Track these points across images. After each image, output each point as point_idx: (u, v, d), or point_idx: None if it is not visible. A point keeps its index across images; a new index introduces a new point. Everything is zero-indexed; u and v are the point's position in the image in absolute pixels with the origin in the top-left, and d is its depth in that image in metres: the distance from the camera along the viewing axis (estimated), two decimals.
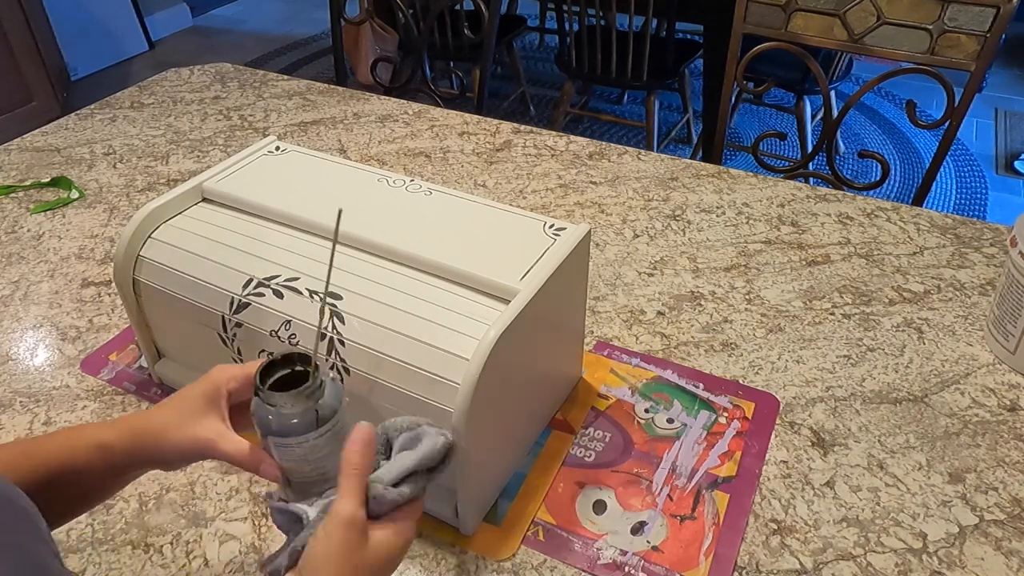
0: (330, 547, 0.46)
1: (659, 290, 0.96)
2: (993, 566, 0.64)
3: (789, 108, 2.77)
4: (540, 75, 3.55)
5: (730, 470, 0.73)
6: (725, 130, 1.50)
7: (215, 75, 1.57)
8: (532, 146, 1.28)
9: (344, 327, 0.65)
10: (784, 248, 1.03)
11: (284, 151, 0.85)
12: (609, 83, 2.51)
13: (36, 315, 0.95)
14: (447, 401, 0.60)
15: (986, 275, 0.97)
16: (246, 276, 0.70)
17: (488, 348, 0.58)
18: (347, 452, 0.49)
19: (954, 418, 0.78)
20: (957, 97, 1.24)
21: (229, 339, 0.71)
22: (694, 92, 3.05)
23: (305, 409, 0.51)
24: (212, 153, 1.29)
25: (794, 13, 1.33)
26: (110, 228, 1.11)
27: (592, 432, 0.78)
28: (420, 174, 1.22)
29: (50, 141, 1.34)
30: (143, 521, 0.70)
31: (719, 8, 2.02)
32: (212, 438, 0.54)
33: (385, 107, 1.42)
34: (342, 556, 0.46)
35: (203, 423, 0.55)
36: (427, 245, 0.69)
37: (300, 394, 0.51)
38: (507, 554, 0.66)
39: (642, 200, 1.14)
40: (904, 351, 0.86)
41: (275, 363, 0.53)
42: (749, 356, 0.86)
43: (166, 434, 0.55)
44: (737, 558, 0.66)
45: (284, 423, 0.51)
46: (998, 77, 3.33)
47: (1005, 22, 1.17)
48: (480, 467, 0.64)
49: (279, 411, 0.51)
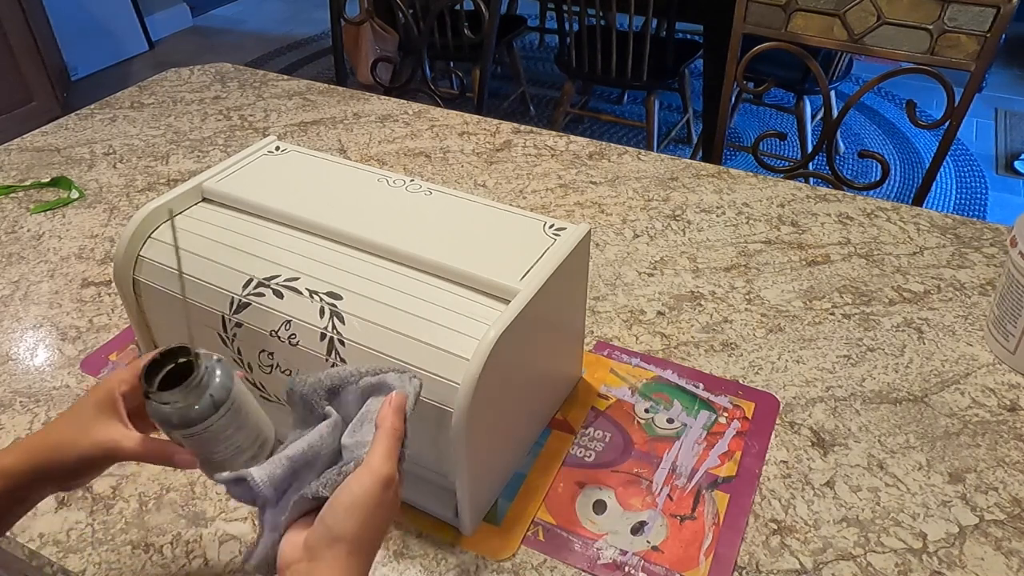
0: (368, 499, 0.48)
1: (659, 290, 0.96)
2: (993, 566, 0.64)
3: (789, 108, 2.77)
4: (540, 75, 3.55)
5: (730, 470, 0.73)
6: (725, 130, 1.50)
7: (215, 75, 1.57)
8: (532, 146, 1.28)
9: (344, 327, 0.65)
10: (784, 248, 1.03)
11: (284, 151, 0.85)
12: (609, 83, 2.51)
13: (36, 315, 0.95)
14: (447, 401, 0.60)
15: (986, 275, 0.97)
16: (246, 276, 0.70)
17: (488, 348, 0.58)
18: (386, 414, 0.51)
19: (954, 418, 0.78)
20: (957, 97, 1.25)
21: (229, 339, 0.71)
22: (694, 92, 3.05)
23: (199, 398, 0.52)
24: (212, 153, 1.29)
25: (794, 13, 1.33)
26: (110, 228, 1.11)
27: (592, 432, 0.78)
28: (420, 174, 1.22)
29: (50, 141, 1.34)
30: (143, 521, 0.70)
31: (719, 8, 2.02)
32: (115, 439, 0.55)
33: (385, 107, 1.42)
34: (374, 508, 0.48)
35: (103, 428, 0.55)
36: (427, 245, 0.69)
37: (189, 387, 0.52)
38: (507, 554, 0.66)
39: (642, 200, 1.14)
40: (904, 351, 0.86)
41: (158, 361, 0.54)
42: (749, 356, 0.86)
43: (65, 448, 0.55)
44: (737, 558, 0.66)
45: (183, 416, 0.52)
46: (998, 77, 3.33)
47: (1005, 22, 1.17)
48: (480, 467, 0.64)
49: (174, 407, 0.52)
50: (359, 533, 0.48)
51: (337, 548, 0.47)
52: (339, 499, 0.48)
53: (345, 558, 0.47)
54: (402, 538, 0.68)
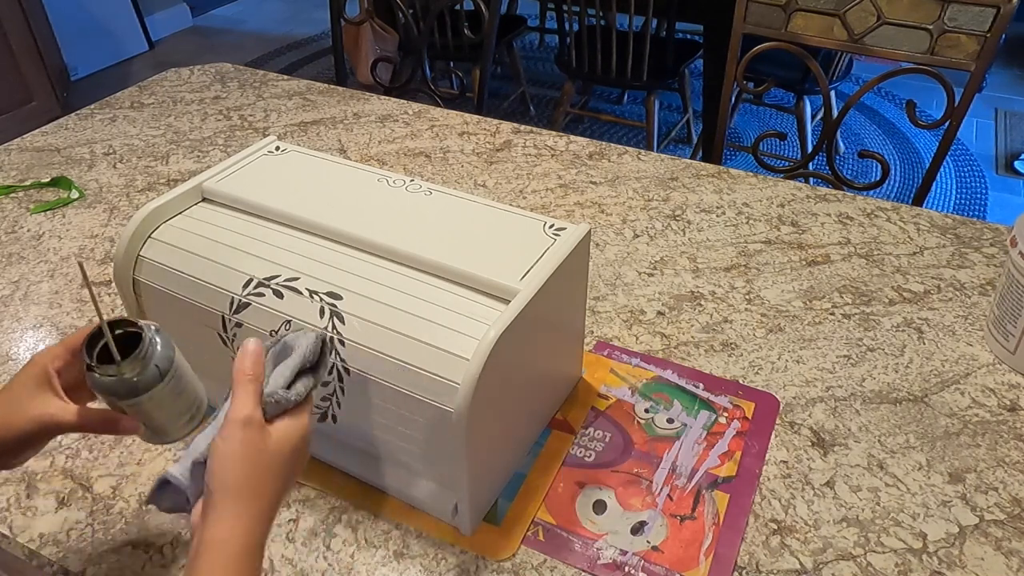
0: (233, 446, 0.50)
1: (659, 290, 0.96)
2: (993, 566, 0.64)
3: (789, 108, 2.77)
4: (540, 75, 3.55)
5: (730, 470, 0.73)
6: (725, 130, 1.50)
7: (215, 75, 1.57)
8: (532, 146, 1.28)
9: (344, 327, 0.65)
10: (784, 248, 1.03)
11: (284, 151, 0.85)
12: (609, 83, 2.51)
13: (36, 315, 0.95)
14: (447, 401, 0.60)
15: (986, 275, 0.97)
16: (246, 276, 0.70)
17: (488, 348, 0.58)
18: (238, 364, 0.53)
19: (954, 418, 0.78)
20: (957, 97, 1.25)
21: (229, 339, 0.71)
22: (694, 92, 3.05)
23: (145, 368, 0.54)
24: (212, 153, 1.29)
25: (794, 13, 1.33)
26: (110, 228, 1.11)
27: (592, 432, 0.78)
28: (420, 174, 1.22)
29: (50, 141, 1.34)
30: (143, 521, 0.70)
31: (719, 8, 2.02)
32: (52, 413, 0.55)
33: (385, 107, 1.42)
34: (247, 452, 0.50)
35: (39, 404, 0.55)
36: (427, 245, 0.69)
37: (136, 358, 0.54)
38: (507, 554, 0.66)
39: (642, 200, 1.14)
40: (904, 351, 0.86)
41: (95, 336, 0.55)
42: (749, 356, 0.86)
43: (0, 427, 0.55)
44: (737, 558, 0.66)
45: (130, 386, 0.54)
46: (998, 77, 3.33)
47: (1005, 22, 1.17)
48: (480, 467, 0.64)
49: (120, 378, 0.54)
50: (240, 480, 0.50)
51: (220, 499, 0.49)
52: (211, 457, 0.51)
53: (232, 506, 0.49)
54: (402, 538, 0.68)
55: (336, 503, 0.71)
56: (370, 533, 0.69)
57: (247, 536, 0.49)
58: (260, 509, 0.50)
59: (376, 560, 0.66)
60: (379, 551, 0.67)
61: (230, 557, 0.48)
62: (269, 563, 0.66)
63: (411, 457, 0.68)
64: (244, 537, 0.49)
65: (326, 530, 0.69)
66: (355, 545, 0.68)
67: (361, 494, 0.72)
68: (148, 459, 0.76)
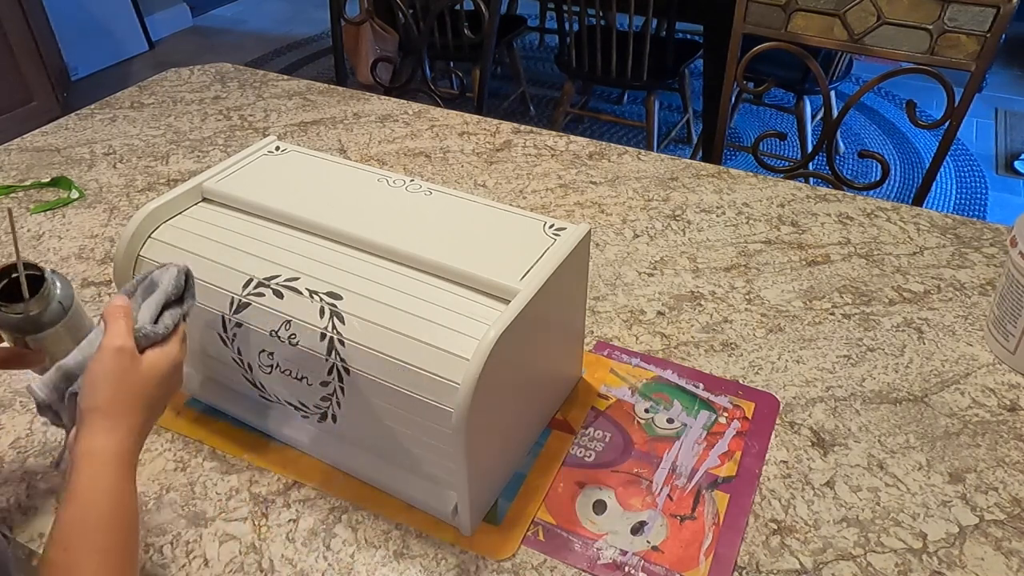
0: (106, 369, 0.55)
1: (659, 290, 0.96)
2: (993, 566, 0.64)
3: (789, 108, 2.77)
4: (540, 75, 3.55)
5: (730, 470, 0.73)
6: (725, 130, 1.50)
7: (215, 75, 1.57)
8: (532, 146, 1.28)
9: (344, 327, 0.65)
10: (784, 248, 1.03)
11: (284, 151, 0.85)
12: (609, 83, 2.51)
13: None
14: (447, 401, 0.60)
15: (986, 275, 0.97)
16: (246, 276, 0.70)
17: (488, 348, 0.58)
18: (109, 306, 0.57)
19: (954, 418, 0.78)
20: (957, 97, 1.25)
21: (229, 339, 0.71)
22: (694, 92, 3.05)
23: (48, 304, 0.64)
24: (212, 153, 1.29)
25: (794, 13, 1.33)
26: (110, 228, 1.11)
27: (592, 432, 0.78)
28: (420, 174, 1.22)
29: (50, 141, 1.34)
30: (143, 521, 0.70)
31: (719, 8, 2.02)
32: None
33: (385, 107, 1.42)
34: (118, 376, 0.55)
35: None
36: (427, 245, 0.69)
37: (41, 296, 0.63)
38: (507, 554, 0.66)
39: (642, 200, 1.14)
40: (904, 351, 0.86)
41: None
42: (749, 356, 0.86)
43: None
44: (737, 558, 0.66)
45: (36, 322, 0.63)
46: (998, 77, 3.33)
47: (1005, 22, 1.17)
48: (480, 467, 0.64)
49: (27, 315, 0.62)
50: (111, 400, 0.54)
51: (91, 416, 0.54)
52: (84, 378, 0.55)
53: (101, 420, 0.54)
54: (402, 538, 0.68)
55: (336, 503, 0.71)
56: (370, 533, 0.69)
57: (118, 446, 0.53)
58: (129, 426, 0.55)
59: (376, 560, 0.66)
60: (379, 551, 0.67)
61: (103, 464, 0.53)
62: (269, 563, 0.66)
63: (411, 457, 0.68)
64: (115, 446, 0.53)
65: (326, 530, 0.69)
66: (355, 545, 0.68)
67: (361, 494, 0.72)
68: (148, 459, 0.76)
